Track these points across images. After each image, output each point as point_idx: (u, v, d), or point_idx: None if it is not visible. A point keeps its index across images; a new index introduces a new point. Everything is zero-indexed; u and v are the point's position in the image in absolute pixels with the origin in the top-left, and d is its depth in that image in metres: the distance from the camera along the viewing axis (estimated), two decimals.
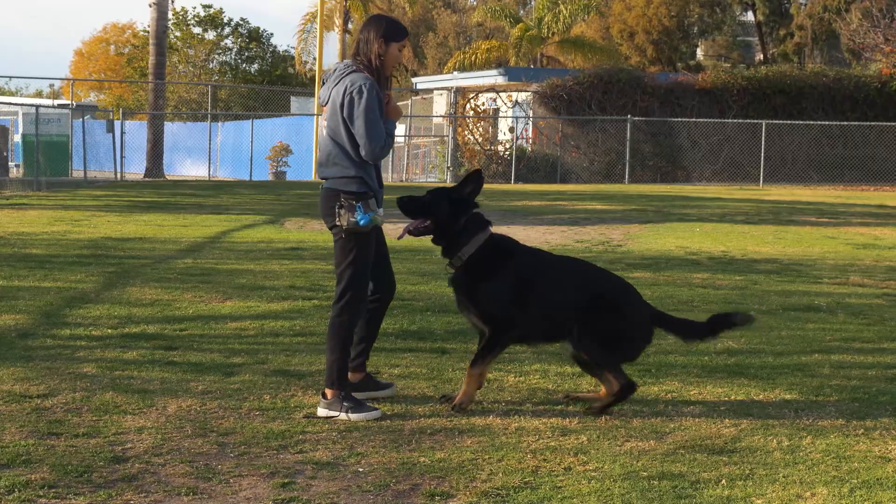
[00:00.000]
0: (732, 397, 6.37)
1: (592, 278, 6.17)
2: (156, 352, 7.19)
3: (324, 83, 6.06)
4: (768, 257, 13.40)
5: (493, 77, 37.70)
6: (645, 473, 4.91)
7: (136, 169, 32.92)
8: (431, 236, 6.10)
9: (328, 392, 5.87)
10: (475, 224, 6.05)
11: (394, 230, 6.42)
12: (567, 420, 5.79)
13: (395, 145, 35.54)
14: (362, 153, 5.79)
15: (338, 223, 5.82)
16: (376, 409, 5.85)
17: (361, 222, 5.77)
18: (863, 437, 5.58)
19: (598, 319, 5.96)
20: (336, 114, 5.84)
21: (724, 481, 4.84)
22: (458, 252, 6.00)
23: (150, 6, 31.94)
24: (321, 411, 5.83)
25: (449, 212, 6.01)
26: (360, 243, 5.86)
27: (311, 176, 36.00)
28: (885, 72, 34.82)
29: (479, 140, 33.38)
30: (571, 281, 6.11)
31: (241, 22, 60.52)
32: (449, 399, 6.05)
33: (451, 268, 6.08)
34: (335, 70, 5.99)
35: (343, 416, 5.75)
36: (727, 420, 5.85)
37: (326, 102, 5.95)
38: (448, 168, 32.72)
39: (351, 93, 5.77)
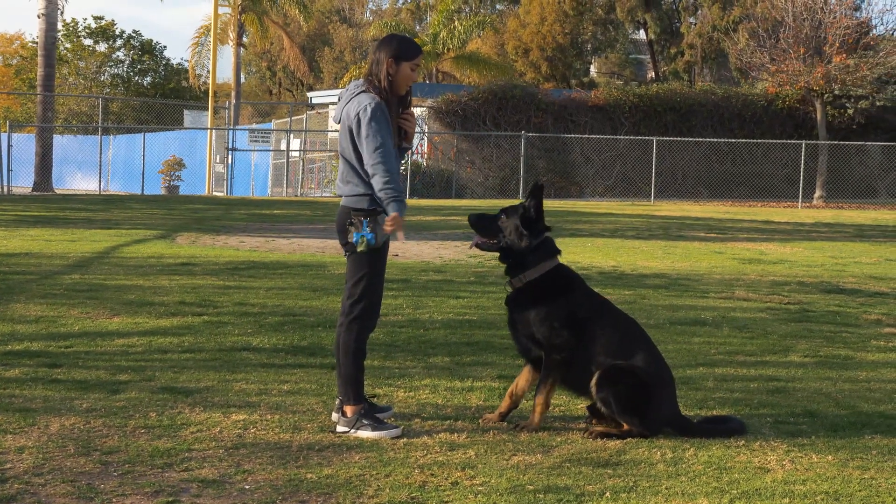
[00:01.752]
0: None
1: (630, 339, 6.15)
2: (39, 369, 7.04)
3: (339, 101, 6.10)
4: (657, 272, 13.64)
5: None
6: (531, 487, 4.97)
7: (23, 182, 32.16)
8: (499, 254, 6.16)
9: (348, 409, 5.87)
10: (544, 250, 6.09)
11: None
12: (455, 435, 5.82)
13: (290, 160, 35.37)
14: (368, 171, 5.82)
15: (349, 240, 5.88)
16: (396, 427, 5.85)
17: (353, 240, 5.83)
18: (743, 449, 5.71)
19: (619, 384, 5.90)
20: (346, 133, 5.90)
21: (608, 493, 4.91)
22: (522, 274, 6.07)
23: (39, 17, 31.31)
24: (341, 429, 5.84)
25: (518, 234, 6.06)
26: (372, 259, 5.91)
27: (205, 190, 35.64)
28: (770, 90, 35.73)
29: None
30: (614, 335, 6.13)
31: (133, 34, 59.69)
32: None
33: (510, 287, 6.15)
34: (347, 89, 6.04)
35: (363, 433, 5.77)
36: None
37: (339, 121, 6.01)
38: None
39: (357, 113, 5.83)
